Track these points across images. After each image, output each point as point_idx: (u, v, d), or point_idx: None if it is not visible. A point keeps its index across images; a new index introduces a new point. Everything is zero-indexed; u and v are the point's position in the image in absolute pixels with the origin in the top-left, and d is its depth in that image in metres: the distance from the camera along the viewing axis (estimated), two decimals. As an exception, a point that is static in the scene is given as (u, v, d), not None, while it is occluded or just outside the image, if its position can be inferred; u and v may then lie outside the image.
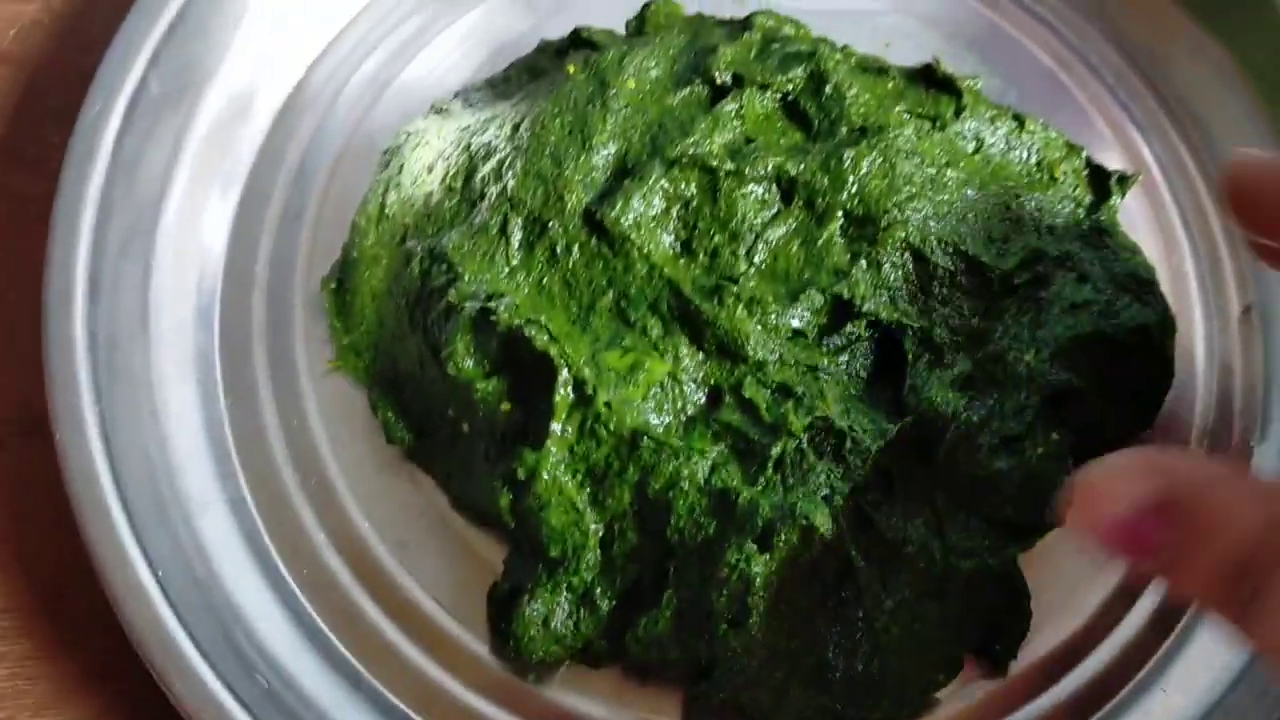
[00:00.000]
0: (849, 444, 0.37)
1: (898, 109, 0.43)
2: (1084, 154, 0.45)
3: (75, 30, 0.51)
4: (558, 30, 0.48)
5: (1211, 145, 0.47)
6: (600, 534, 0.38)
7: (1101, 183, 0.44)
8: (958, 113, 0.44)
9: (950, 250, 0.40)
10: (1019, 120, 0.45)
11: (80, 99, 0.43)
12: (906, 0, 0.51)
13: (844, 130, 0.41)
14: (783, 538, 0.35)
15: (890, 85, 0.44)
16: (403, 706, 0.38)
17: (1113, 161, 0.46)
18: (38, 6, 0.51)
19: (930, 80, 0.45)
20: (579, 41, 0.47)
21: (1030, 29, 0.50)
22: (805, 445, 0.37)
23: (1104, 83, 0.49)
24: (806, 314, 0.39)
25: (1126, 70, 0.50)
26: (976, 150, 0.43)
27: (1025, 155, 0.43)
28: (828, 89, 0.42)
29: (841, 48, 0.46)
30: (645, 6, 0.47)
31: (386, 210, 0.44)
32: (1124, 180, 0.44)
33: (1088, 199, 0.44)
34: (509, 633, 0.38)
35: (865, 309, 0.39)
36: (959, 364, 0.39)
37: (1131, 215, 0.45)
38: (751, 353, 0.38)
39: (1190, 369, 0.43)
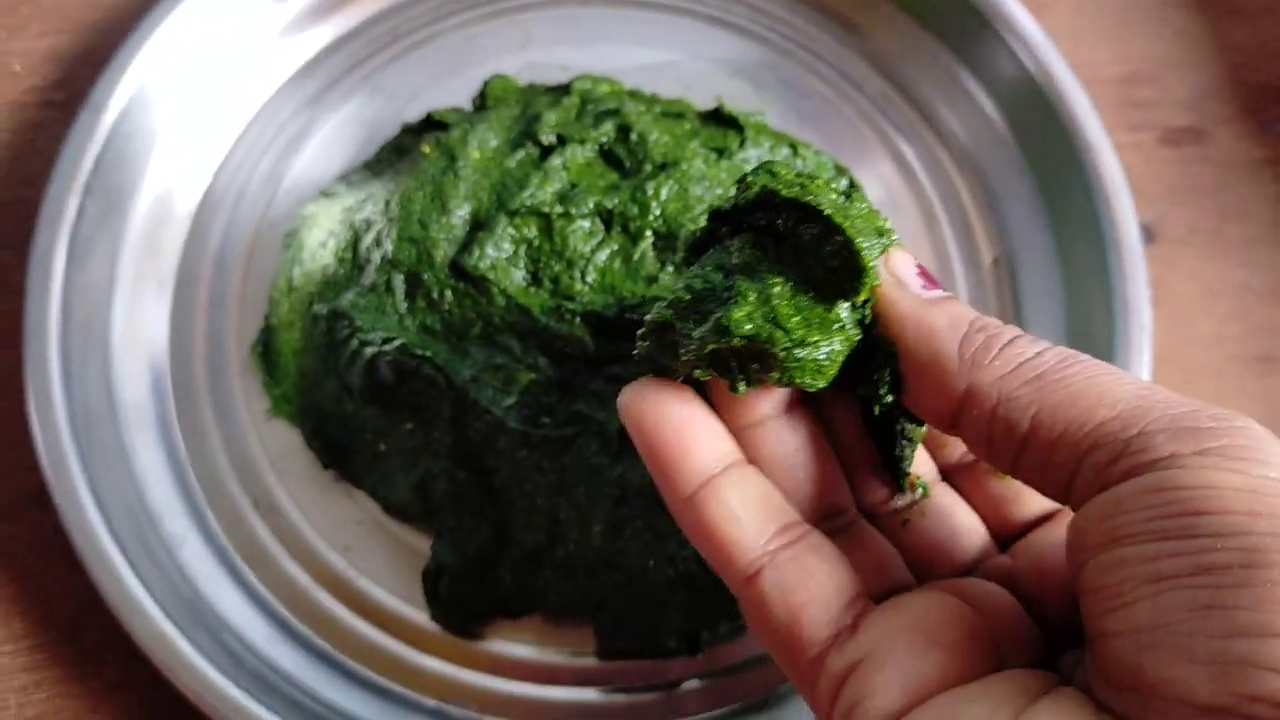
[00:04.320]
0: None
1: (691, 145, 0.48)
2: (848, 173, 0.52)
3: (18, 168, 0.54)
4: (415, 113, 0.53)
5: (954, 137, 0.55)
6: (493, 517, 0.44)
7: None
8: (742, 143, 0.50)
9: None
10: (794, 146, 0.51)
11: (28, 225, 0.48)
12: (697, 48, 0.56)
13: (648, 167, 0.48)
14: (635, 493, 0.43)
15: (687, 127, 0.50)
16: (368, 673, 0.45)
17: (878, 157, 0.54)
18: (-20, 150, 0.55)
19: (719, 119, 0.51)
20: (431, 122, 0.52)
21: (803, 60, 0.56)
22: None
23: (867, 96, 0.56)
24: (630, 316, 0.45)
25: (884, 85, 0.56)
26: None
27: None
28: (633, 136, 0.48)
29: (650, 96, 0.52)
30: (485, 84, 0.53)
31: (294, 283, 0.49)
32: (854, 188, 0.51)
33: None
34: (439, 603, 0.45)
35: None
36: None
37: (897, 199, 0.54)
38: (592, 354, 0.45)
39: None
